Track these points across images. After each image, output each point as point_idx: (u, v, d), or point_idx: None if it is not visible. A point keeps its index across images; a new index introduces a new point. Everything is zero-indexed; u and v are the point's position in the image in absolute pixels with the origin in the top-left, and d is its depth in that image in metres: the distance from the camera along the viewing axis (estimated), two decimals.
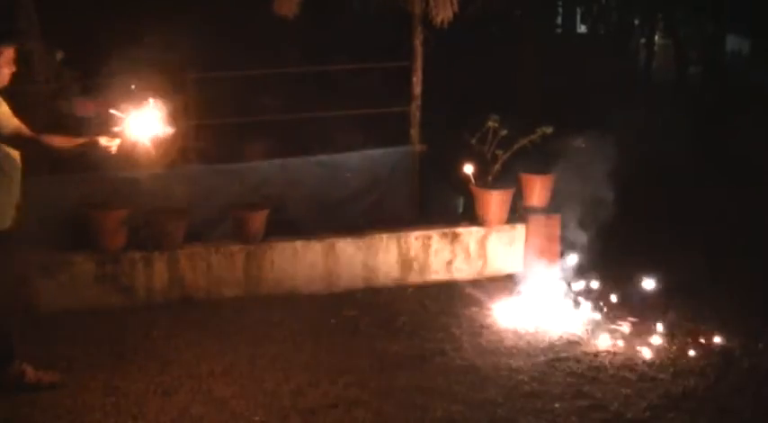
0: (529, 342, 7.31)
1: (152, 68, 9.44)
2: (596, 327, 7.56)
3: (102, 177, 8.10)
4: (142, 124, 6.17)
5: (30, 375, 6.31)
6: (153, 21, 11.88)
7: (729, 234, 9.86)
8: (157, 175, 8.24)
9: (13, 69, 6.02)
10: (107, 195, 8.02)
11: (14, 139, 6.00)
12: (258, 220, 8.16)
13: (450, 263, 8.62)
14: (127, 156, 6.43)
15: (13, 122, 6.05)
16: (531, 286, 8.25)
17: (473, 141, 8.64)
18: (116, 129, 6.16)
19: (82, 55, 10.26)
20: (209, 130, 9.86)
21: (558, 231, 8.74)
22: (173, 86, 9.20)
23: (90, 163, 7.56)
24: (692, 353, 7.09)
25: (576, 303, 7.98)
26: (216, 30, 12.19)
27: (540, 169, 8.80)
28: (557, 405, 6.28)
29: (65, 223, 7.94)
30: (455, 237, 8.63)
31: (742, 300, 8.14)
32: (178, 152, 8.84)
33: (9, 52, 5.97)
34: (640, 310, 7.87)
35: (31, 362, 6.37)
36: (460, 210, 9.32)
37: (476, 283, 8.47)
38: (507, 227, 8.75)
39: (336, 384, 6.52)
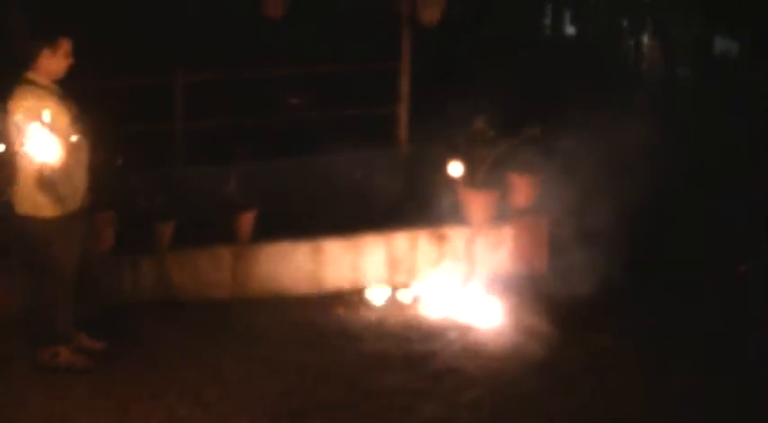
0: (517, 343, 7.32)
1: None
2: (585, 328, 7.58)
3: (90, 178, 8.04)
4: None
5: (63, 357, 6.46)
6: None
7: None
8: (145, 176, 8.20)
9: (71, 61, 6.16)
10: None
11: None
12: (246, 221, 8.14)
13: (437, 264, 8.62)
14: None
15: None
16: (519, 287, 8.26)
17: (460, 142, 8.64)
18: None
19: None
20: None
21: (545, 233, 8.75)
22: None
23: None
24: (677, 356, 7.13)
25: (564, 305, 7.99)
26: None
27: (528, 169, 8.80)
28: (545, 406, 6.29)
29: None
30: (442, 238, 8.63)
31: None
32: None
33: (68, 44, 6.15)
34: (632, 313, 7.89)
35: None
36: (448, 211, 9.31)
37: (463, 283, 8.47)
38: (494, 228, 8.74)
39: (324, 386, 6.52)
